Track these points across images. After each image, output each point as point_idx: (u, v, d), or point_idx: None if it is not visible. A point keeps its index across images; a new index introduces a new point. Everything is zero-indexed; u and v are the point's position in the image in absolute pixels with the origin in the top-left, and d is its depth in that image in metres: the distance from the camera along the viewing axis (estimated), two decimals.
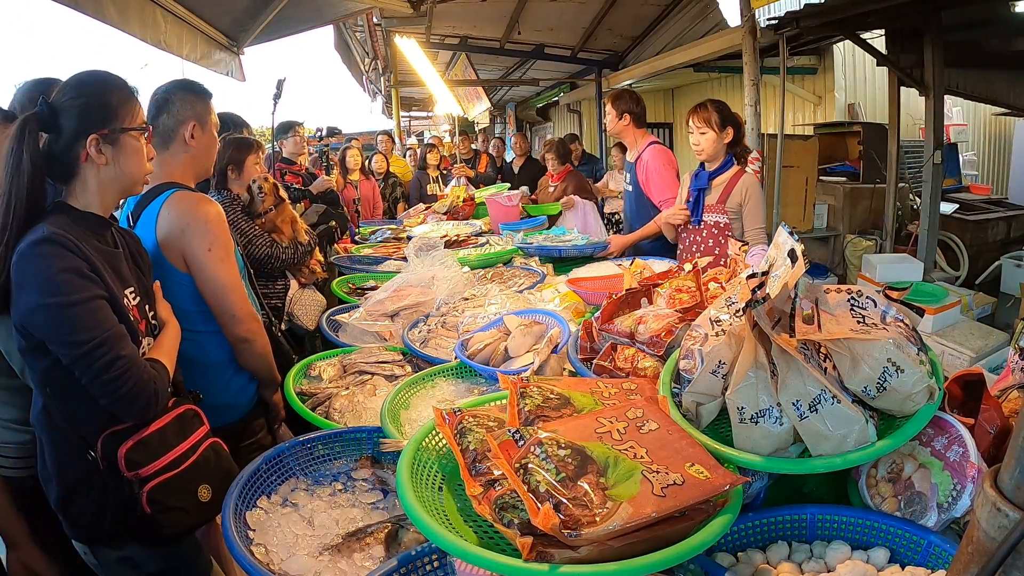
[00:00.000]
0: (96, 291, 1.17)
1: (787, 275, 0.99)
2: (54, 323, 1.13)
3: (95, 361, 1.14)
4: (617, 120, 3.13)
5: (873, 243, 4.86)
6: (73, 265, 1.15)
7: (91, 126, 1.24)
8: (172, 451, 1.28)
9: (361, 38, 7.89)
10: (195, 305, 1.64)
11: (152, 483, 1.23)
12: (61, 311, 1.12)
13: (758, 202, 2.56)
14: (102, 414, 1.21)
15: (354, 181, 5.37)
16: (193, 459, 1.31)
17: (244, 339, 1.69)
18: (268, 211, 2.55)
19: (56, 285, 1.13)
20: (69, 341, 1.13)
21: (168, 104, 1.67)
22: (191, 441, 1.33)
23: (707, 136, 2.55)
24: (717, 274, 1.56)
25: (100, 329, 1.15)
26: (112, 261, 1.27)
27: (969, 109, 7.24)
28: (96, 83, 1.28)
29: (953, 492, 0.91)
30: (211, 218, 1.63)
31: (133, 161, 1.31)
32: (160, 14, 3.03)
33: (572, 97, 10.52)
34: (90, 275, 1.17)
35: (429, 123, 18.74)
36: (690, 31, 6.33)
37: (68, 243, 1.16)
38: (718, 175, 2.61)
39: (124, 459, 1.21)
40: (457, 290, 2.41)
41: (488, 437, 0.91)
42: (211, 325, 1.68)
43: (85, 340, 1.13)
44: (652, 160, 3.03)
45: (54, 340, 1.14)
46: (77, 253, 1.16)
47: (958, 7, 3.81)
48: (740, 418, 0.95)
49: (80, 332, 1.13)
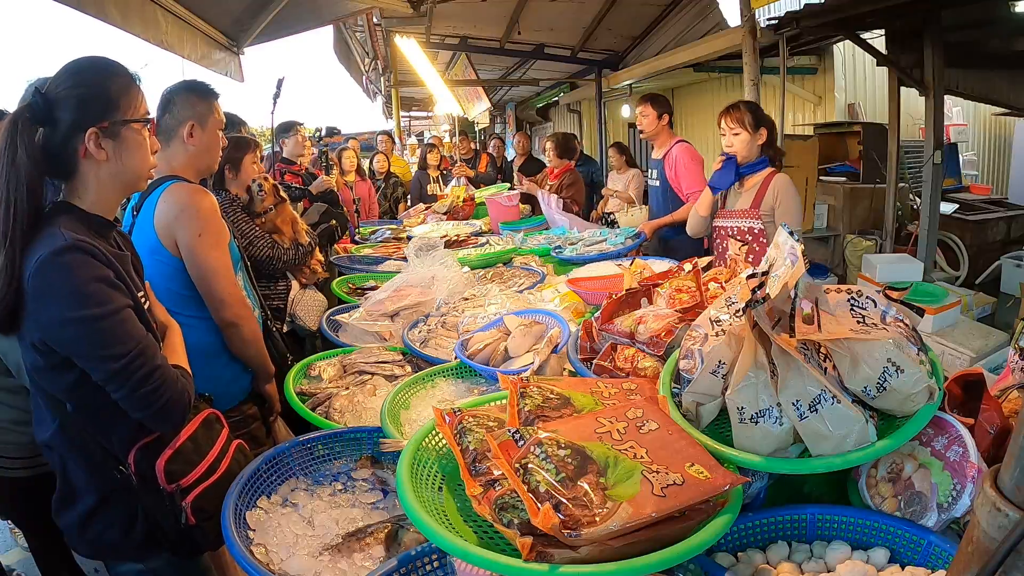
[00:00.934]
0: (125, 300, 1.11)
1: (787, 275, 0.99)
2: (86, 338, 1.06)
3: (132, 375, 1.08)
4: (657, 120, 3.38)
5: (873, 243, 4.86)
6: (101, 274, 1.08)
7: (89, 119, 1.13)
8: (206, 458, 1.24)
9: (361, 38, 7.89)
10: (189, 290, 1.69)
11: (194, 493, 1.20)
12: (93, 324, 1.05)
13: (791, 203, 2.45)
14: (131, 428, 1.16)
15: (350, 182, 5.37)
16: (226, 463, 1.28)
17: (231, 323, 1.72)
18: (268, 211, 2.55)
19: (86, 297, 1.05)
20: (103, 356, 1.07)
21: (170, 104, 1.73)
22: (219, 445, 1.30)
23: (740, 137, 2.50)
24: (717, 274, 1.56)
25: (134, 341, 1.09)
26: (124, 265, 1.20)
27: (969, 109, 7.24)
28: (94, 70, 1.16)
29: (953, 492, 0.91)
30: (203, 206, 1.67)
31: (136, 155, 1.20)
32: (160, 14, 3.03)
33: (572, 97, 10.51)
34: (118, 283, 1.11)
35: (429, 123, 18.74)
36: (690, 31, 6.33)
37: (94, 250, 1.08)
38: (749, 172, 2.55)
39: (164, 472, 1.17)
40: (457, 290, 2.41)
41: (488, 437, 0.91)
42: (204, 311, 1.71)
43: (121, 354, 1.07)
44: (681, 156, 3.28)
45: (85, 356, 1.08)
46: (103, 261, 1.09)
47: (958, 7, 3.80)
48: (740, 418, 0.95)
49: (115, 346, 1.07)
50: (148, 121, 1.23)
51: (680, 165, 3.28)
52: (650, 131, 3.44)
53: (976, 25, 4.01)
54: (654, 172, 3.52)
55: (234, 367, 1.79)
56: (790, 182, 2.51)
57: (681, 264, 1.66)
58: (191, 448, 1.22)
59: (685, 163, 3.27)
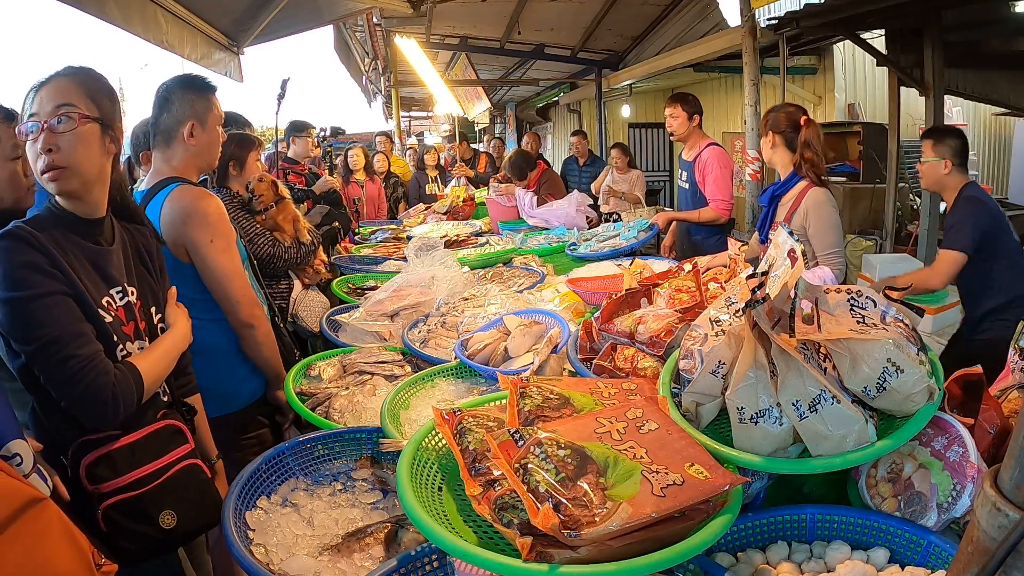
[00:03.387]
0: (55, 287, 1.11)
1: (787, 275, 0.99)
2: (10, 319, 1.09)
3: (48, 359, 1.09)
4: (688, 122, 3.25)
5: (873, 243, 4.85)
6: (31, 259, 1.10)
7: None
8: (139, 469, 1.18)
9: (361, 38, 7.88)
10: (199, 293, 1.69)
11: (110, 501, 1.15)
12: (15, 306, 1.08)
13: (822, 222, 2.24)
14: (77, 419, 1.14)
15: (360, 181, 5.37)
16: (159, 481, 1.21)
17: (248, 324, 1.73)
18: (269, 207, 2.55)
19: (12, 281, 1.08)
20: (22, 337, 1.10)
21: (168, 103, 1.70)
22: (164, 460, 1.23)
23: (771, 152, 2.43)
24: (717, 274, 1.56)
25: (55, 326, 1.10)
26: (96, 259, 1.21)
27: (969, 109, 7.24)
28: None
29: (953, 492, 0.91)
30: (212, 210, 1.67)
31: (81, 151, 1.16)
32: (160, 13, 3.03)
33: (572, 97, 10.51)
34: (50, 270, 1.11)
35: (429, 123, 18.74)
36: (690, 31, 6.32)
37: (29, 238, 1.11)
38: (783, 192, 2.39)
39: (85, 471, 1.15)
40: (457, 290, 2.41)
41: (488, 437, 0.91)
42: (215, 313, 1.72)
43: (38, 337, 1.09)
44: (712, 160, 3.20)
45: (13, 336, 1.11)
46: (38, 248, 1.11)
47: (958, 7, 3.80)
48: (740, 418, 0.95)
49: (33, 328, 1.09)
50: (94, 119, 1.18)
51: (709, 170, 3.20)
52: (681, 133, 3.30)
53: (976, 25, 4.01)
54: (684, 174, 3.42)
55: (244, 368, 1.80)
56: (823, 200, 2.27)
57: (681, 264, 1.66)
58: (125, 455, 1.18)
59: (714, 169, 3.18)
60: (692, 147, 3.34)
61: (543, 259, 3.06)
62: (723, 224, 3.29)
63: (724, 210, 3.22)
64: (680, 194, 3.57)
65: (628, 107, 9.42)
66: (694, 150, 3.32)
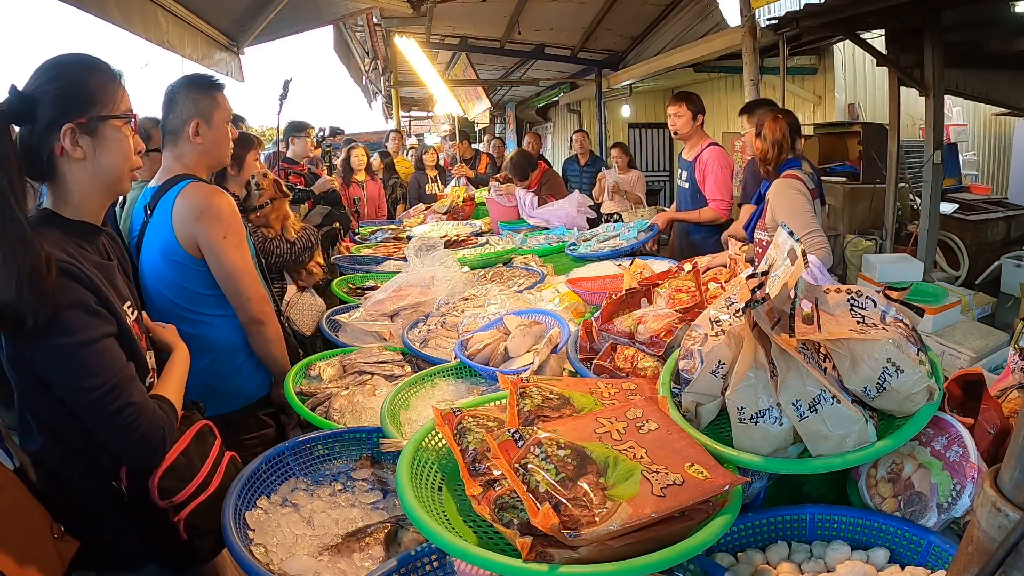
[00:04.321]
0: (104, 328, 1.07)
1: (787, 275, 0.99)
2: (60, 367, 1.03)
3: (103, 409, 1.05)
4: (691, 121, 3.28)
5: (873, 243, 4.85)
6: (80, 299, 1.04)
7: (67, 115, 1.08)
8: (199, 474, 1.22)
9: (361, 38, 7.88)
10: (209, 290, 1.71)
11: (186, 509, 1.18)
12: (68, 354, 1.02)
13: (784, 207, 2.30)
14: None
15: (360, 181, 5.37)
16: (219, 479, 1.25)
17: (258, 320, 1.75)
18: (264, 205, 2.54)
19: (62, 324, 1.01)
20: (75, 387, 1.03)
21: (174, 103, 1.73)
22: (211, 459, 1.27)
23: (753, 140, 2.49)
24: (717, 274, 1.56)
25: (109, 373, 1.05)
26: (109, 276, 1.17)
27: (969, 109, 7.24)
28: (72, 66, 1.12)
29: (953, 492, 0.91)
30: (224, 207, 1.69)
31: (116, 154, 1.15)
32: (160, 13, 3.04)
33: (572, 97, 10.52)
34: (98, 309, 1.07)
35: (429, 123, 18.74)
36: (690, 31, 6.33)
37: (74, 271, 1.04)
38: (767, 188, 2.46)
39: (157, 488, 1.14)
40: (457, 290, 2.41)
41: (488, 437, 0.91)
42: (225, 309, 1.74)
43: (94, 386, 1.03)
44: (712, 160, 3.23)
45: (59, 384, 1.05)
46: (85, 284, 1.05)
47: (958, 7, 3.80)
48: (740, 418, 0.95)
49: (87, 378, 1.03)
50: (130, 118, 1.18)
51: (709, 170, 3.22)
52: (684, 131, 3.31)
53: (976, 25, 4.01)
54: (684, 174, 3.44)
55: (250, 364, 1.81)
56: (782, 187, 2.35)
57: (681, 264, 1.66)
58: (184, 463, 1.19)
59: (715, 169, 3.21)
60: (693, 147, 3.36)
61: (543, 259, 3.06)
62: (723, 224, 3.30)
63: (724, 210, 3.23)
64: (680, 194, 3.58)
65: (628, 107, 9.42)
66: (695, 150, 3.33)
